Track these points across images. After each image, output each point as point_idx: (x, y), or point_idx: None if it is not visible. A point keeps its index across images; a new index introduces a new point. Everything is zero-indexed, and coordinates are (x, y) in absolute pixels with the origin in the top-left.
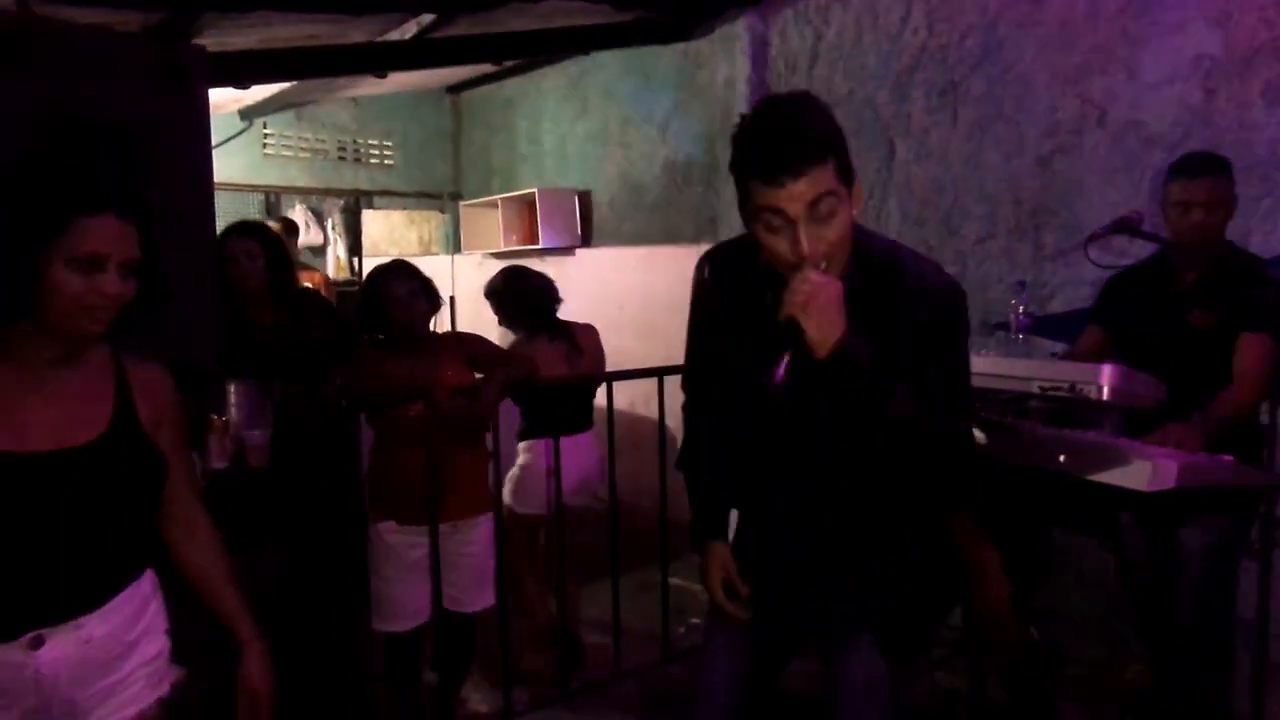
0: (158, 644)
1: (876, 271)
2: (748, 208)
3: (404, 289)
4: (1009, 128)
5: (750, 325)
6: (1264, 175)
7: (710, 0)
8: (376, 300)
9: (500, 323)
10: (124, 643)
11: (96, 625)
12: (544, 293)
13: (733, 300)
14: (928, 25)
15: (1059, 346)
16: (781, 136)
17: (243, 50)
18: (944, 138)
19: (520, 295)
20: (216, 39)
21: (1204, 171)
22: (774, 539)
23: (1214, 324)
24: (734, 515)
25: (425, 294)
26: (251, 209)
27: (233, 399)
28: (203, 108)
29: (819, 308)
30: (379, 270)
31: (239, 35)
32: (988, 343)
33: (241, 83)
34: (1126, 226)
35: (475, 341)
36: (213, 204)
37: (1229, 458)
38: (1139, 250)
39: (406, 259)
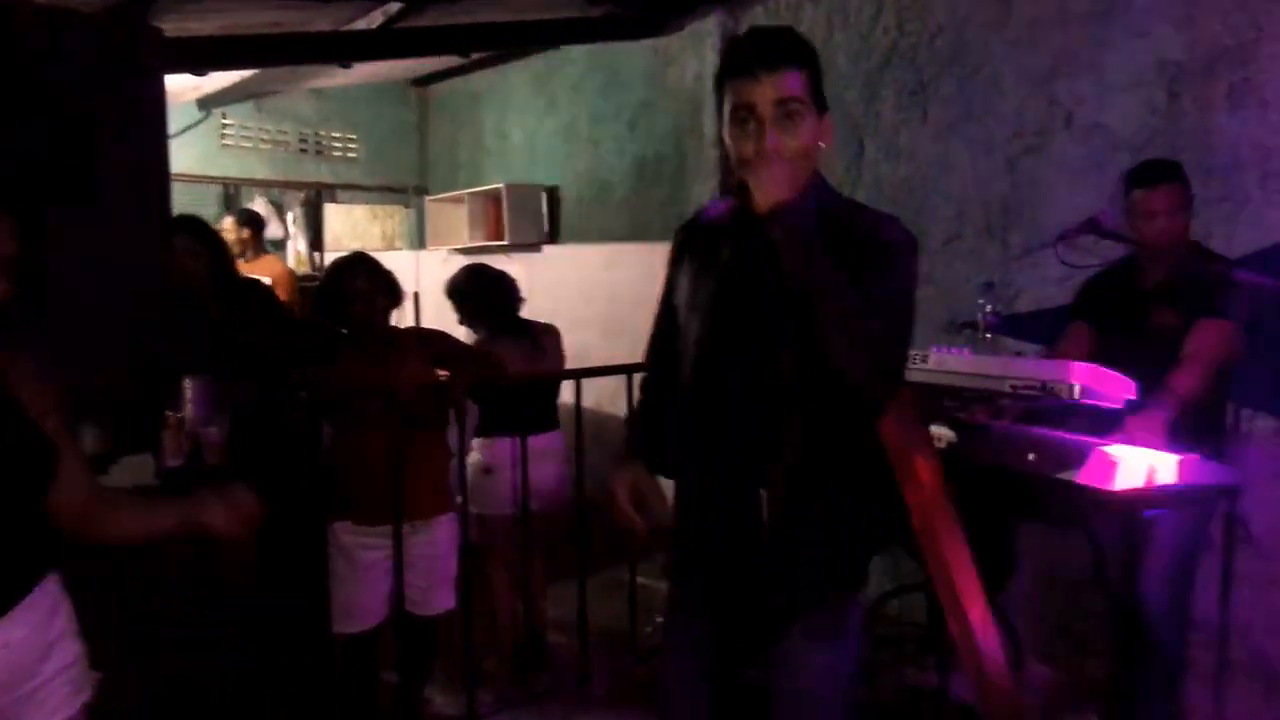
0: (74, 648)
1: (832, 219)
2: (724, 116)
3: (364, 282)
4: (978, 128)
5: (706, 275)
6: (1225, 178)
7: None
8: (336, 294)
9: (461, 321)
10: (41, 646)
11: (13, 629)
12: (507, 291)
13: (695, 255)
14: (898, 25)
15: (1026, 346)
16: (760, 37)
17: (203, 36)
18: (913, 137)
19: (483, 293)
20: (176, 24)
21: (1162, 179)
22: (717, 499)
23: (1178, 323)
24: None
25: (386, 288)
26: (209, 201)
27: (189, 395)
28: (159, 93)
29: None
30: (338, 263)
31: (199, 20)
32: (954, 341)
33: (201, 69)
34: (1095, 227)
35: (440, 338)
36: (169, 194)
37: (1194, 455)
38: (1106, 250)
39: (368, 253)
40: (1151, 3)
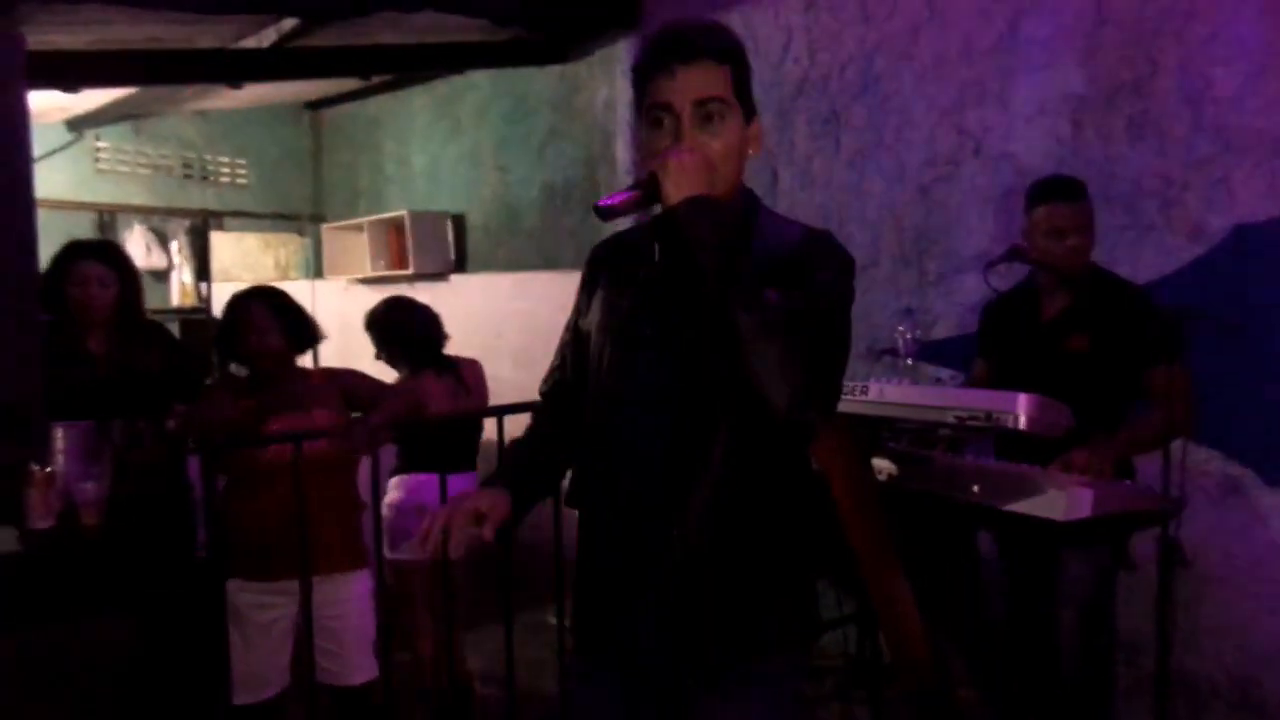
0: None
1: (762, 231)
2: (641, 116)
3: (264, 316)
4: (890, 157)
5: (621, 293)
6: (1128, 206)
7: (588, 22)
8: (233, 328)
9: (379, 356)
10: None
11: None
12: (430, 325)
13: (611, 275)
14: (809, 55)
15: (944, 372)
16: (680, 30)
17: (71, 50)
18: (827, 166)
19: (404, 327)
20: (40, 36)
21: (1072, 196)
22: (627, 534)
23: (1088, 348)
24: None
25: (291, 323)
26: (82, 230)
27: (60, 445)
28: (20, 108)
29: (678, 160)
30: (240, 294)
31: (67, 33)
32: (874, 369)
33: (70, 86)
34: (1018, 254)
35: (351, 376)
36: (34, 222)
37: (1127, 482)
38: (1018, 275)
39: (276, 286)
40: (1053, 37)
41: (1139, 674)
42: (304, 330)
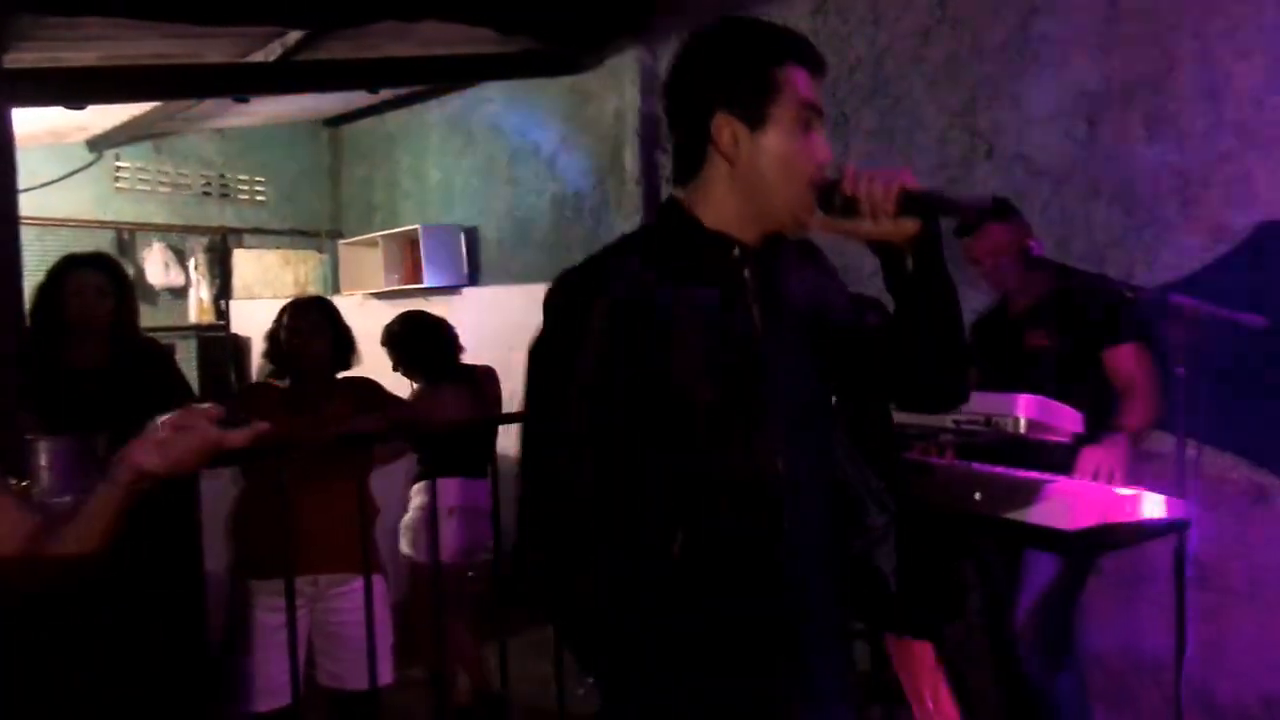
0: None
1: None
2: (767, 105)
3: (307, 323)
4: (900, 160)
5: (715, 323)
6: (1146, 206)
7: (596, 31)
8: (290, 333)
9: (397, 368)
10: None
11: None
12: (446, 337)
13: (675, 308)
14: None
15: None
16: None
17: (79, 67)
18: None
19: (421, 340)
20: (46, 54)
21: (968, 230)
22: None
23: (1047, 342)
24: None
25: (332, 335)
26: (101, 248)
27: (43, 460)
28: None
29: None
30: (291, 303)
31: (73, 50)
32: None
33: (75, 103)
34: (1024, 258)
35: (366, 386)
36: (17, 235)
37: (1144, 489)
38: None
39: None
40: (1067, 34)
41: (1164, 693)
42: (348, 346)
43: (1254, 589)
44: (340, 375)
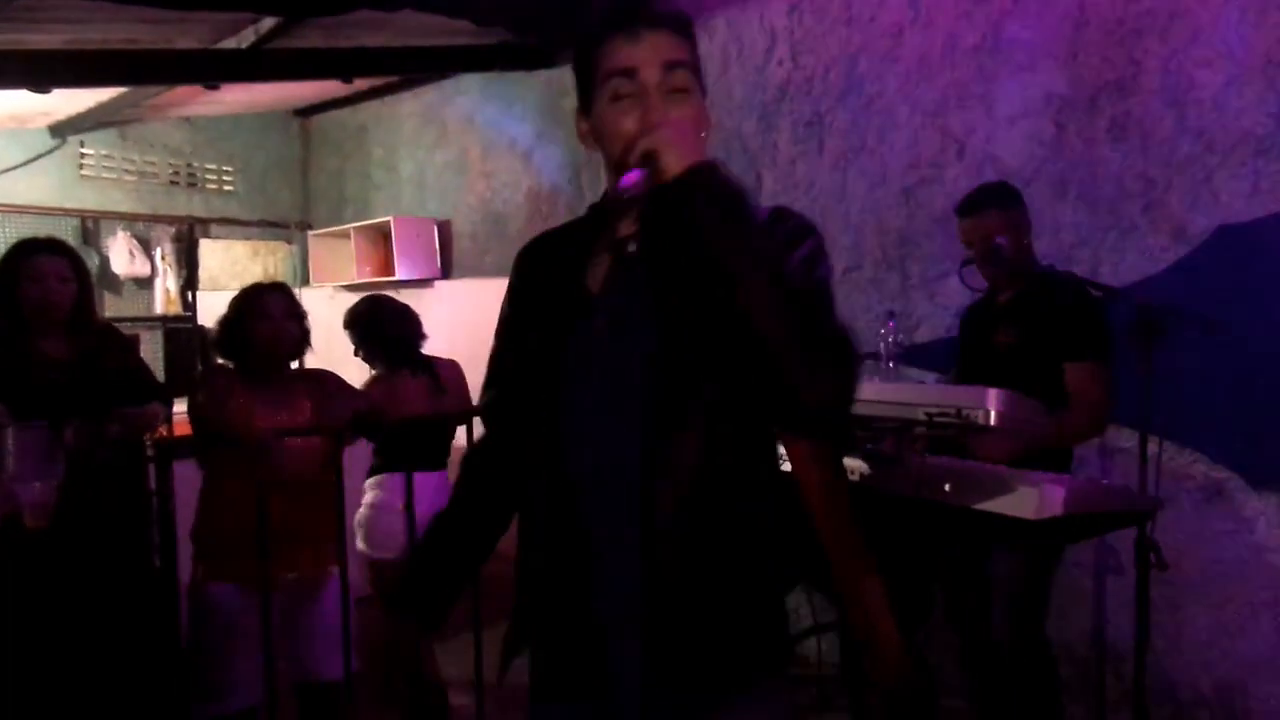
0: None
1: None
2: (591, 90)
3: (278, 308)
4: (873, 160)
5: (572, 283)
6: (1111, 207)
7: (573, 25)
8: (245, 318)
9: (358, 353)
10: None
11: None
12: (408, 324)
13: (552, 269)
14: (792, 58)
15: (928, 376)
16: (633, 2)
17: (43, 50)
18: (810, 169)
19: (383, 325)
20: (12, 35)
21: (970, 211)
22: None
23: (1015, 341)
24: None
25: (299, 323)
26: (64, 236)
27: (9, 446)
28: None
29: (678, 133)
30: (251, 287)
31: (39, 32)
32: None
33: (40, 86)
34: (995, 255)
35: (332, 379)
36: None
37: (1102, 481)
38: None
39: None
40: (1035, 38)
41: (1125, 686)
42: (306, 335)
43: (1208, 580)
44: (296, 366)
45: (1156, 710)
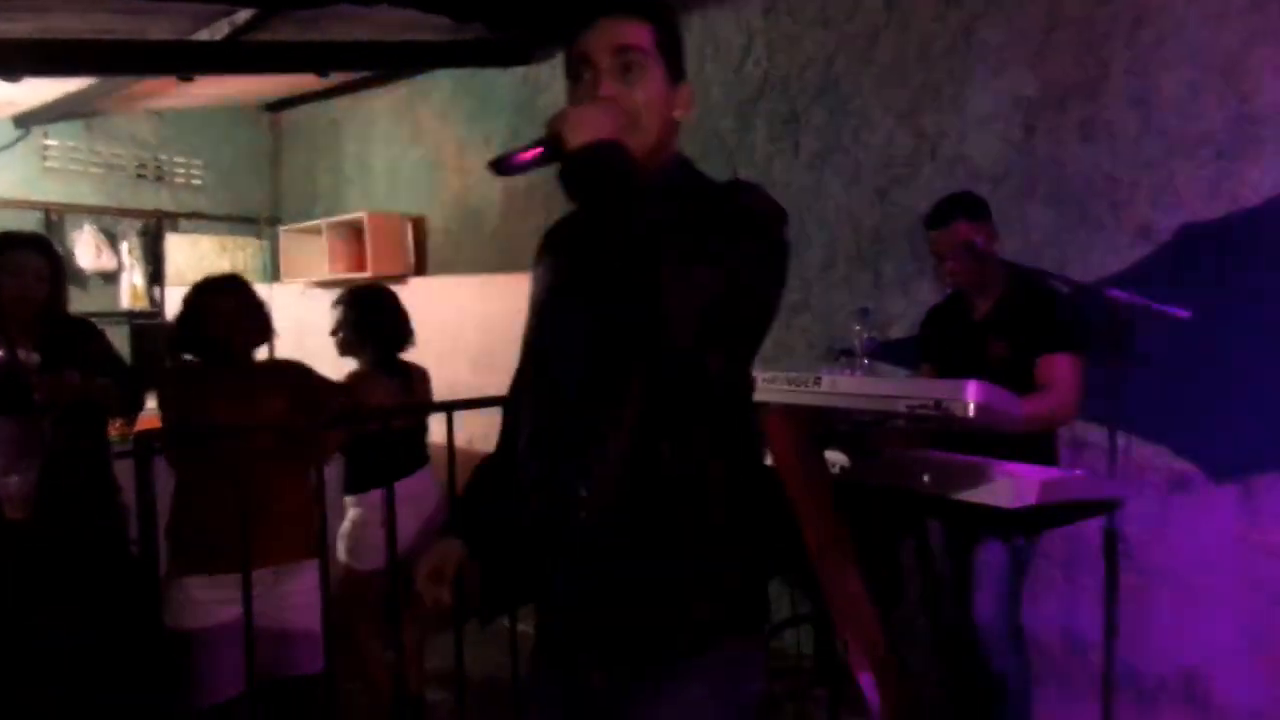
0: None
1: (695, 195)
2: (570, 77)
3: (230, 303)
4: (848, 159)
5: (560, 254)
6: (1080, 206)
7: (550, 22)
8: (200, 314)
9: (337, 333)
10: None
11: None
12: (404, 327)
13: (555, 245)
14: (768, 57)
15: (901, 372)
16: None
17: (10, 39)
18: (786, 167)
19: (382, 316)
20: None
21: (938, 223)
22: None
23: (1008, 354)
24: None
25: (254, 315)
26: (29, 228)
27: None
28: None
29: (576, 114)
30: (203, 281)
31: (6, 21)
32: (832, 368)
33: (11, 75)
34: (970, 251)
35: (301, 371)
36: None
37: (1076, 471)
38: None
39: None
40: (1006, 40)
41: (1090, 672)
42: (265, 324)
43: (1172, 570)
44: (262, 359)
45: (1119, 698)
